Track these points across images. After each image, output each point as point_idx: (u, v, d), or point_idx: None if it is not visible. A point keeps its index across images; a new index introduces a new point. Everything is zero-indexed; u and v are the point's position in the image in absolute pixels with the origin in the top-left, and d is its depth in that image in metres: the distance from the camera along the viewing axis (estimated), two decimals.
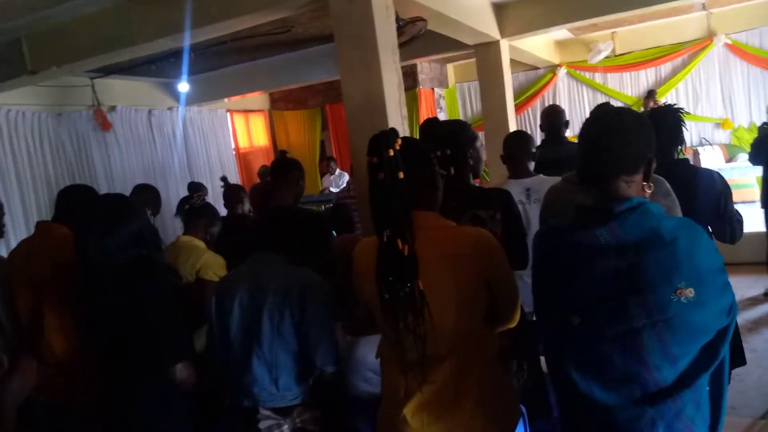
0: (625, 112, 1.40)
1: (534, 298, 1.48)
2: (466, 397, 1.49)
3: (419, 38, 4.19)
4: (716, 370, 1.30)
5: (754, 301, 4.87)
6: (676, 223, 1.26)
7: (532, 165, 2.78)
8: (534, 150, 2.79)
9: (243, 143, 9.18)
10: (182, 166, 7.49)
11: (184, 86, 6.95)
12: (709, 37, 8.12)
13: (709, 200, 2.37)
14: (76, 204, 2.45)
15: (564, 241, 1.35)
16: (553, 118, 3.60)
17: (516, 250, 2.06)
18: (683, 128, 2.46)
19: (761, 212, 5.02)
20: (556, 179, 2.68)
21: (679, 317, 1.23)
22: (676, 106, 2.53)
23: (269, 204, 2.84)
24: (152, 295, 2.02)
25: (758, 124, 7.68)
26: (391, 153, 1.47)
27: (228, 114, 8.76)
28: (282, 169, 2.82)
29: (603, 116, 1.39)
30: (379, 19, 3.25)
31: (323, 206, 7.98)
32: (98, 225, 2.04)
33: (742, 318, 4.46)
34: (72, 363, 2.30)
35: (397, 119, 3.39)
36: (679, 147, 2.48)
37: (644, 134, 1.34)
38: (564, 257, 1.35)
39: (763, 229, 5.03)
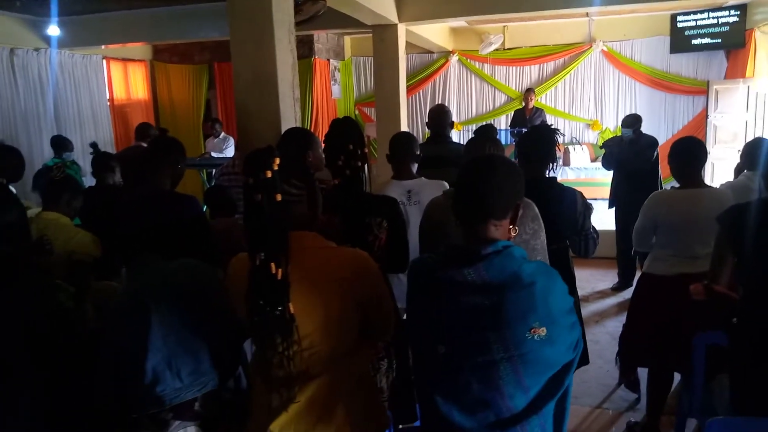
0: (498, 160, 1.49)
1: (407, 323, 1.55)
2: (335, 415, 1.52)
3: (318, 18, 4.11)
4: (561, 397, 1.45)
5: (602, 294, 5.32)
6: (535, 268, 1.39)
7: (415, 167, 2.86)
8: (418, 152, 2.87)
9: (119, 95, 8.55)
10: (49, 116, 6.86)
11: (54, 29, 6.31)
12: (590, 42, 8.68)
13: (570, 217, 2.59)
14: None
15: (436, 276, 1.42)
16: (440, 117, 3.73)
17: (398, 255, 2.29)
18: (556, 148, 2.65)
19: (612, 211, 5.54)
20: (436, 183, 2.80)
21: (533, 353, 1.35)
22: (553, 126, 2.74)
23: (144, 182, 2.65)
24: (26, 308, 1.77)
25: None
26: (269, 174, 1.40)
27: (104, 61, 8.10)
28: (162, 150, 2.60)
29: (478, 163, 1.48)
30: None
31: (204, 171, 7.71)
32: None
33: (590, 311, 4.89)
34: None
35: (289, 101, 3.30)
36: (551, 164, 2.67)
37: (515, 182, 1.45)
38: (435, 291, 1.43)
39: (613, 227, 5.55)
